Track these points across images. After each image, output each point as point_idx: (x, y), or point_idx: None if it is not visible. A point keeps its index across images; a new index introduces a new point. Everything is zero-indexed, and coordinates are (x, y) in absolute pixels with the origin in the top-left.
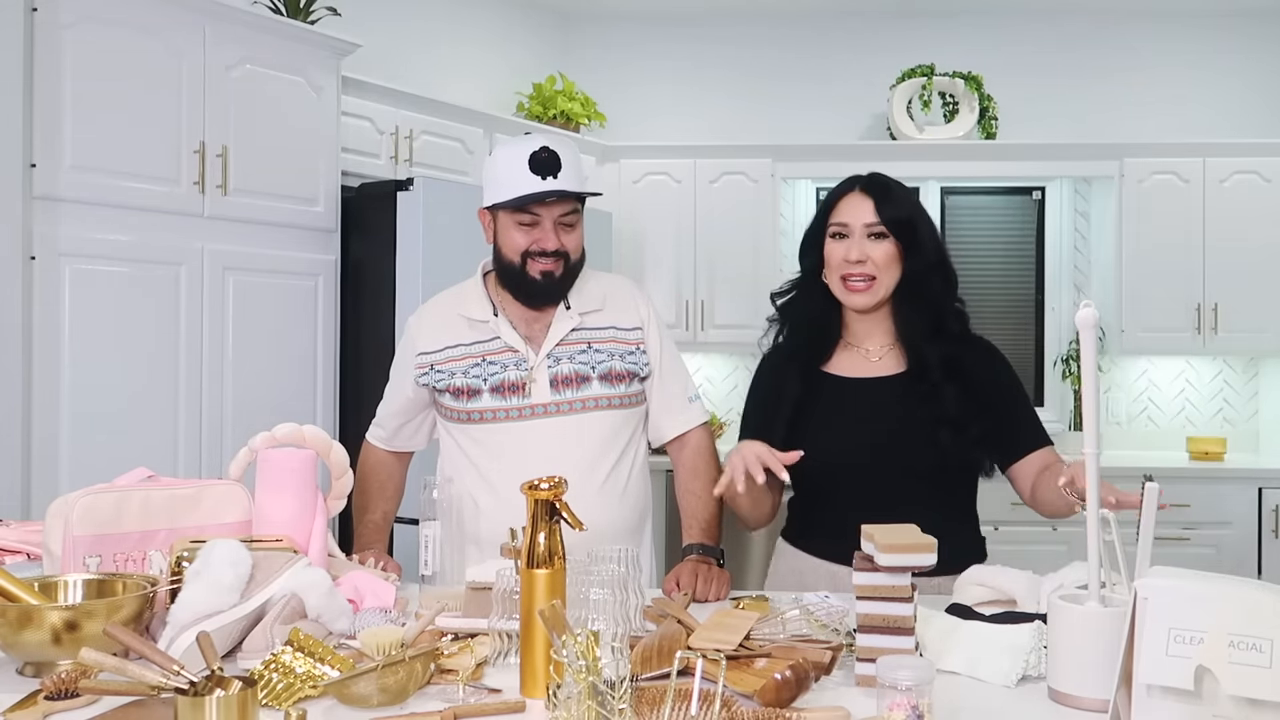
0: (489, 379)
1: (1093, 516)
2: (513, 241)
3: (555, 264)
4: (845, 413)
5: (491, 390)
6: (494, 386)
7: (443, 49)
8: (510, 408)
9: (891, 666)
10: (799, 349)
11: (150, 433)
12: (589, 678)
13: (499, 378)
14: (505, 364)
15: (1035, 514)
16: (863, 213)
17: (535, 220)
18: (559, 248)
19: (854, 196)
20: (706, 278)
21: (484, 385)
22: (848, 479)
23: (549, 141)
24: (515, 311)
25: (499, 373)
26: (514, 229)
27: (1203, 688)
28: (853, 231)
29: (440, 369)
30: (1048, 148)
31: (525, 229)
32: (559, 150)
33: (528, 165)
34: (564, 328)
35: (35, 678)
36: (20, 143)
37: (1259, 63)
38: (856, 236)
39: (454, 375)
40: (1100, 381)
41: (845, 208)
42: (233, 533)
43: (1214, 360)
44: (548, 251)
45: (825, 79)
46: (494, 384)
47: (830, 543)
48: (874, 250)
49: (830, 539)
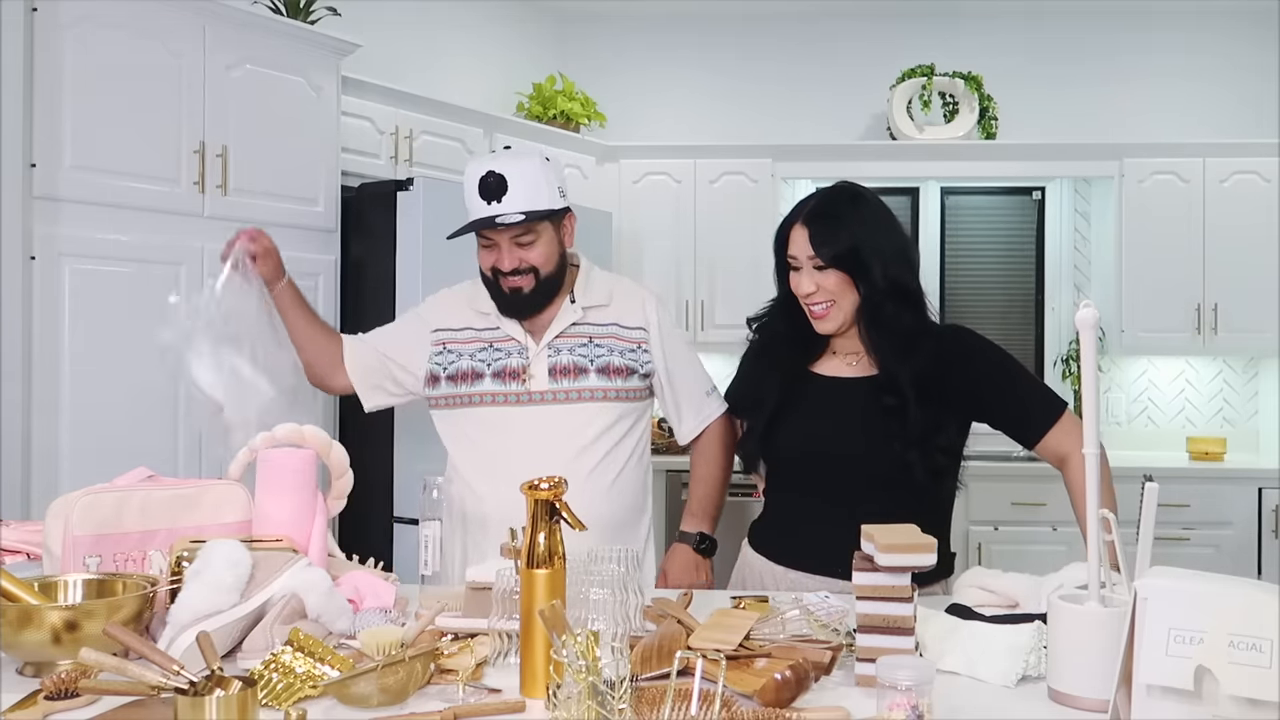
0: (492, 364)
1: (1093, 516)
2: (481, 259)
3: (523, 279)
4: (816, 407)
5: (493, 375)
6: (496, 372)
7: (443, 49)
8: (509, 393)
9: (891, 666)
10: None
11: (150, 433)
12: (589, 678)
13: (501, 363)
14: (509, 351)
15: (1035, 514)
16: (804, 245)
17: (490, 243)
18: (516, 266)
19: (797, 229)
20: (706, 278)
21: (486, 370)
22: (813, 473)
23: (503, 162)
24: None
25: (502, 359)
26: (479, 249)
27: (1203, 688)
28: (801, 263)
29: (451, 349)
30: (1048, 148)
31: (485, 250)
32: (509, 172)
33: (477, 190)
34: (565, 320)
35: (35, 678)
36: (20, 143)
37: (1259, 63)
38: (805, 268)
39: (461, 358)
40: (1100, 381)
41: (792, 240)
42: (233, 533)
43: (1214, 360)
44: (506, 271)
45: (825, 79)
46: (496, 369)
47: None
48: (824, 280)
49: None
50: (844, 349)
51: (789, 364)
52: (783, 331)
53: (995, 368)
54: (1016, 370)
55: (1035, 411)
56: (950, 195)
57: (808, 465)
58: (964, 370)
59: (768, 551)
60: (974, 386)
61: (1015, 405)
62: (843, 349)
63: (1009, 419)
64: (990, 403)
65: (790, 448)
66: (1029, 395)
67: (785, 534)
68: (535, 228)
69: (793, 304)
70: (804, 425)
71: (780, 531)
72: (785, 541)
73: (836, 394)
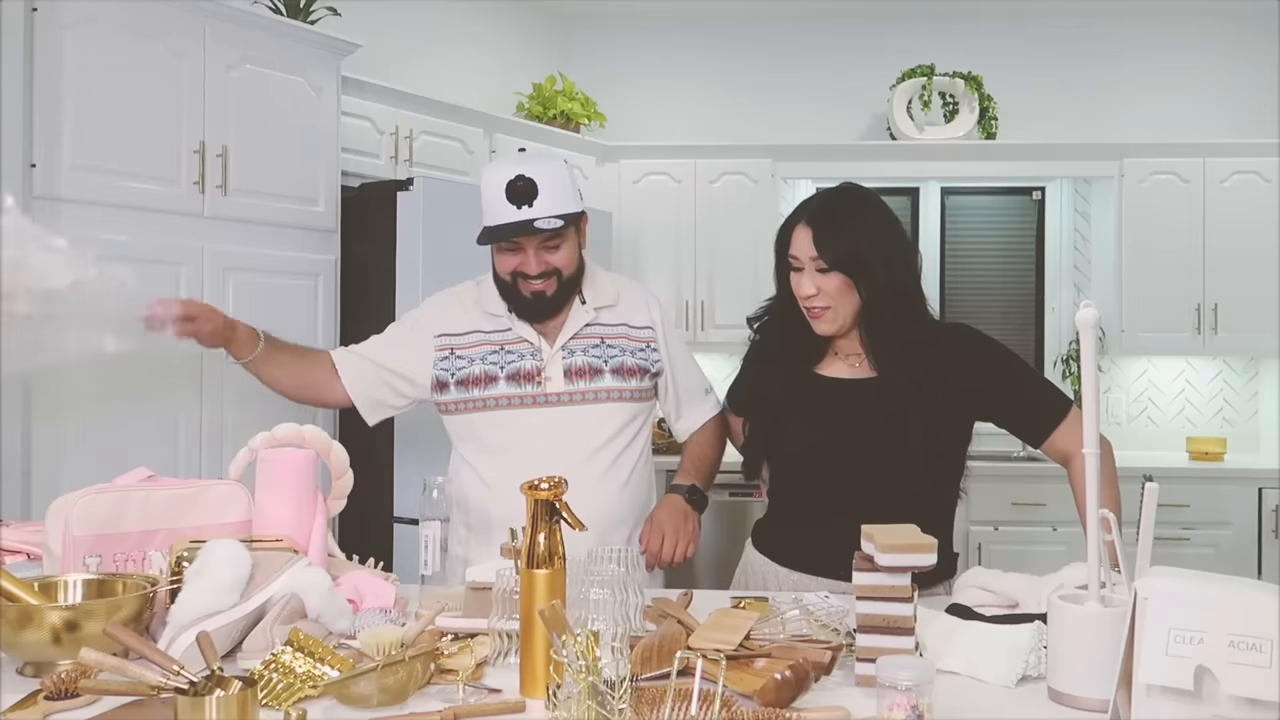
0: (506, 366)
1: (1093, 516)
2: (501, 263)
3: (546, 283)
4: (817, 409)
5: (508, 378)
6: (510, 375)
7: (443, 49)
8: (525, 395)
9: (891, 666)
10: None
11: (150, 433)
12: (589, 678)
13: (515, 366)
14: (522, 353)
15: (1035, 514)
16: (807, 246)
17: (517, 247)
18: (543, 270)
19: (800, 229)
20: (706, 278)
21: (500, 373)
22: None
23: (530, 165)
24: None
25: (515, 361)
26: (500, 253)
27: (1203, 688)
28: (803, 264)
29: (460, 354)
30: (1048, 148)
31: (509, 253)
32: (538, 176)
33: (504, 194)
34: (579, 322)
35: (35, 678)
36: (20, 143)
37: (1259, 63)
38: (807, 269)
39: (471, 363)
40: (1100, 381)
41: (794, 240)
42: (233, 533)
43: (1214, 360)
44: (531, 275)
45: (825, 79)
46: (510, 372)
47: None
48: (824, 282)
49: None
50: (845, 350)
51: (790, 366)
52: (784, 332)
53: (1001, 366)
54: (1022, 369)
55: (1042, 410)
56: (950, 195)
57: (810, 467)
58: (969, 369)
59: (771, 552)
60: (979, 385)
61: (1021, 404)
62: (844, 350)
63: (1015, 417)
64: (996, 401)
65: (792, 450)
66: (1035, 393)
67: (788, 535)
68: (562, 231)
69: (793, 304)
70: (805, 427)
71: (783, 533)
72: (788, 543)
73: (838, 396)
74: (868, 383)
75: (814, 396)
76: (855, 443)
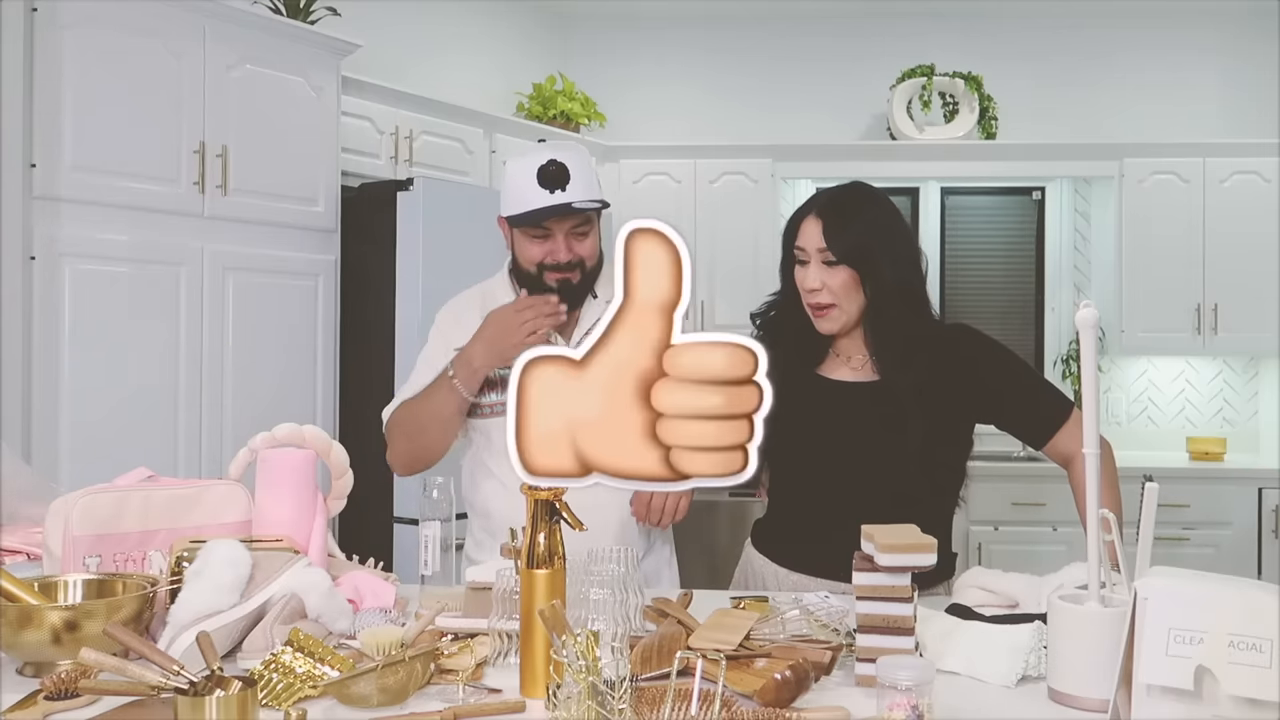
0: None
1: (1093, 516)
2: (527, 253)
3: (571, 273)
4: (818, 411)
5: None
6: None
7: (443, 49)
8: None
9: (891, 666)
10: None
11: (150, 433)
12: (589, 678)
13: None
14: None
15: (1035, 514)
16: (816, 238)
17: (547, 233)
18: (571, 259)
19: (809, 220)
20: (706, 278)
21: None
22: (813, 477)
23: (559, 152)
24: None
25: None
26: (528, 241)
27: (1203, 688)
28: (810, 257)
29: None
30: (1048, 148)
31: (538, 241)
32: (569, 161)
33: (536, 179)
34: (592, 316)
35: (35, 678)
36: (20, 143)
37: (1259, 63)
38: (814, 262)
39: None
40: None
41: (803, 232)
42: (233, 533)
43: (1214, 360)
44: (561, 264)
45: (825, 79)
46: None
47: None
48: (830, 278)
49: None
50: (847, 351)
51: (792, 367)
52: (786, 332)
53: (1002, 367)
54: (1024, 370)
55: (1044, 412)
56: (950, 195)
57: (810, 469)
58: (971, 370)
59: (770, 553)
60: (981, 386)
61: (1023, 405)
62: (846, 351)
63: (1017, 419)
64: (998, 402)
65: (792, 452)
66: (1037, 395)
67: (788, 536)
68: (592, 219)
69: (797, 303)
70: (806, 429)
71: (783, 534)
72: (788, 544)
73: (839, 398)
74: (869, 386)
75: (815, 398)
76: (855, 446)
